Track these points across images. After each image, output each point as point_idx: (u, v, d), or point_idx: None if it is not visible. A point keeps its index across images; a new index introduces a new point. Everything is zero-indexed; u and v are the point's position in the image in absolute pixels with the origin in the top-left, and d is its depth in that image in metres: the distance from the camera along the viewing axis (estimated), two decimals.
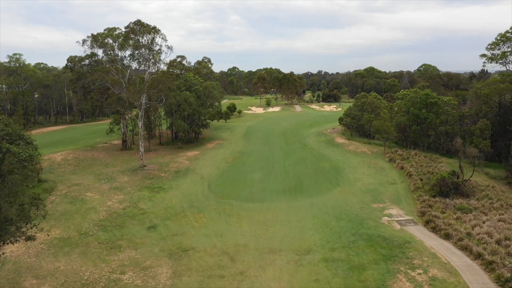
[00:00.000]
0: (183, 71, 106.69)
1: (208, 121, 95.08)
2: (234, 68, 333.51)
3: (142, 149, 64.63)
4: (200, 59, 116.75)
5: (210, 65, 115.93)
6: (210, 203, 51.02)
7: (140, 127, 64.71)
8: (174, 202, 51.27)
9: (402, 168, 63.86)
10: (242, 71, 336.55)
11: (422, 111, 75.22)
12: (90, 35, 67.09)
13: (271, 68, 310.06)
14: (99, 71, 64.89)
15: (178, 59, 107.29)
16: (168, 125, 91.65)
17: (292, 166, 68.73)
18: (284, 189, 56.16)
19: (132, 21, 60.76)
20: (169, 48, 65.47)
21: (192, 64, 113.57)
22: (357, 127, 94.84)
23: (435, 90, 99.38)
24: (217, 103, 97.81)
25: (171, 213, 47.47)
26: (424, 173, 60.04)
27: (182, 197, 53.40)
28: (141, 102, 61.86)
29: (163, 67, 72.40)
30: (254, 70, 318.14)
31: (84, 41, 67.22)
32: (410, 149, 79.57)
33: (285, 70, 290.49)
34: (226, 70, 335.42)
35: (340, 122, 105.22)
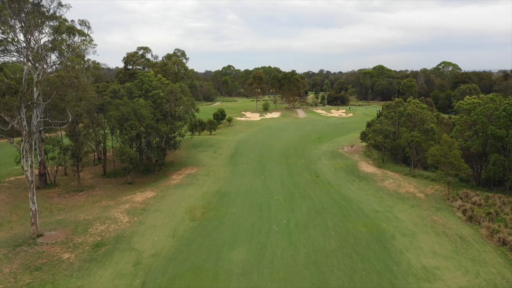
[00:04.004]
0: (148, 68, 77.93)
1: (178, 139, 66.44)
2: (229, 66, 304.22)
3: (33, 207, 35.74)
4: (172, 52, 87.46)
5: (184, 60, 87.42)
6: None
7: (27, 168, 35.48)
8: None
9: (503, 242, 35.17)
10: (238, 70, 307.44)
11: (510, 132, 46.67)
12: None
13: (269, 66, 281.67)
14: None
15: (140, 52, 78.32)
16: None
17: (302, 229, 40.11)
18: None
19: None
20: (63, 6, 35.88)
21: (161, 58, 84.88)
22: (391, 148, 66.30)
23: None
24: (192, 112, 68.96)
25: None
26: None
27: None
28: (21, 123, 32.76)
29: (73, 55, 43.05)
30: (251, 69, 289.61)
31: None
32: (483, 189, 51.18)
33: (284, 69, 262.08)
34: (220, 69, 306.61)
35: (363, 139, 76.67)
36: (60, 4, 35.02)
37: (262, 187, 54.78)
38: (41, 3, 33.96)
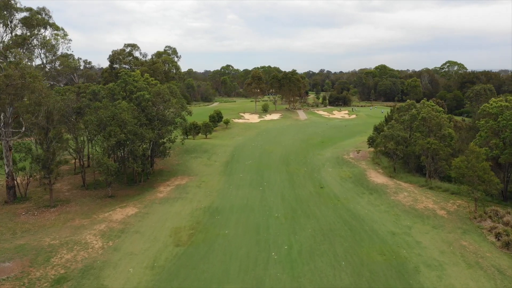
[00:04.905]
0: (136, 67, 71.43)
1: (168, 145, 60.03)
2: (228, 66, 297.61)
3: None
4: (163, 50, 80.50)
5: (176, 59, 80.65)
6: None
7: None
8: None
9: None
10: (237, 70, 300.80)
11: None
12: None
13: (269, 66, 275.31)
14: None
15: (128, 49, 71.76)
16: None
17: (306, 258, 33.65)
18: None
19: None
20: None
21: (150, 56, 78.34)
22: (403, 156, 59.89)
23: None
24: (184, 114, 62.45)
25: None
26: None
27: None
28: None
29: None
30: (250, 69, 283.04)
31: None
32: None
33: (284, 69, 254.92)
34: (219, 69, 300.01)
35: (371, 144, 70.32)
36: None
37: (260, 202, 48.34)
38: None
